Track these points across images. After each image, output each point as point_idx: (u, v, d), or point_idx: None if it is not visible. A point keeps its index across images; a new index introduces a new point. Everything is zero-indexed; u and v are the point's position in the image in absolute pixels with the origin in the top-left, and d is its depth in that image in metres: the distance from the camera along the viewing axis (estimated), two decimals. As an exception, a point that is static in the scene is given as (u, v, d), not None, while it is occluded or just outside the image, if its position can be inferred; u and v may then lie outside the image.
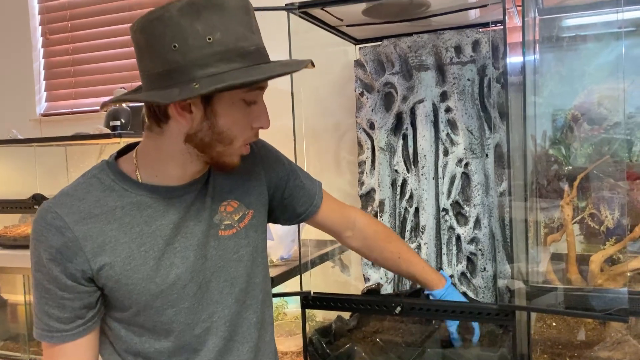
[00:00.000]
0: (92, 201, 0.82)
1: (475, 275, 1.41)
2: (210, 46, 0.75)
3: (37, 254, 0.81)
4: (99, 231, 0.81)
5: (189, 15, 0.75)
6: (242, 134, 0.84)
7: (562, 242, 1.29)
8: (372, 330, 1.34)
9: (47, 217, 0.80)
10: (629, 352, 1.08)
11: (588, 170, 1.26)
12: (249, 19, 0.80)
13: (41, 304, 0.82)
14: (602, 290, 0.96)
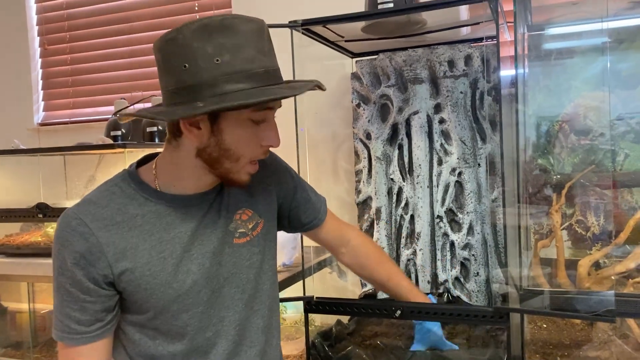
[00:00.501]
0: (115, 209, 0.87)
1: (469, 279, 1.47)
2: (218, 67, 0.80)
3: (61, 258, 0.85)
4: (120, 237, 0.85)
5: (200, 37, 0.80)
6: (249, 152, 0.88)
7: (551, 248, 1.36)
8: (370, 333, 1.39)
9: (72, 224, 0.85)
10: (615, 351, 1.14)
11: (575, 179, 1.33)
12: (262, 41, 0.85)
13: (62, 306, 0.87)
14: (590, 293, 1.02)
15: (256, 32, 0.84)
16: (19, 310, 1.83)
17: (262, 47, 0.84)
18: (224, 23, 0.81)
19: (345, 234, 1.20)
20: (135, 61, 2.14)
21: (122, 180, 0.91)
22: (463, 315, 1.12)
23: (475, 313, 1.11)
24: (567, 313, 0.98)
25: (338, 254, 1.21)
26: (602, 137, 1.38)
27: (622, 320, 1.21)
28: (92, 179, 2.00)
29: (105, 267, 0.84)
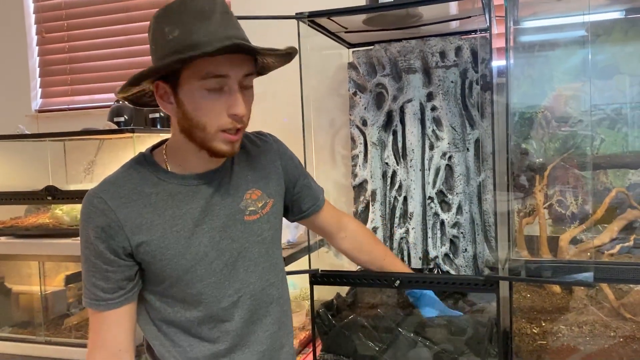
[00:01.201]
0: (131, 188, 0.96)
1: (457, 255, 1.58)
2: (169, 43, 0.90)
3: (86, 233, 0.94)
4: (137, 214, 0.95)
5: (161, 19, 0.92)
6: (213, 120, 0.93)
7: (533, 225, 1.47)
8: (367, 305, 1.49)
9: (94, 202, 0.94)
10: (590, 318, 1.27)
11: (556, 162, 1.45)
12: (214, 14, 0.91)
13: (89, 276, 0.96)
14: (571, 262, 1.14)
15: (208, 4, 0.91)
16: (23, 291, 1.88)
17: (215, 20, 0.91)
18: (180, 2, 0.91)
19: (342, 219, 1.30)
20: (134, 50, 2.19)
21: (137, 163, 1.00)
22: (457, 283, 1.23)
23: (468, 282, 1.22)
24: (551, 280, 1.10)
25: (337, 239, 1.29)
26: (581, 124, 1.50)
27: (597, 291, 1.34)
28: (93, 164, 2.06)
29: (123, 239, 0.94)
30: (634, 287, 1.29)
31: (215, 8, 0.91)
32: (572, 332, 1.19)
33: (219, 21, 0.91)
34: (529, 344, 1.21)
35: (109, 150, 2.03)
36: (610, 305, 1.24)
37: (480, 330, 1.23)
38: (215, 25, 0.90)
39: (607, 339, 1.17)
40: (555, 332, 1.20)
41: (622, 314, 1.21)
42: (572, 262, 1.14)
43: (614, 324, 1.19)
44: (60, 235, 1.66)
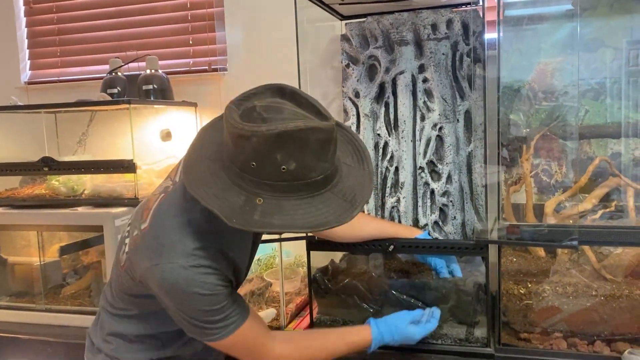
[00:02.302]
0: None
1: (447, 223, 1.64)
2: (281, 174, 0.88)
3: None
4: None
5: (273, 145, 0.85)
6: None
7: (520, 193, 1.54)
8: (360, 271, 1.55)
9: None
10: (573, 280, 1.34)
11: (543, 132, 1.50)
12: (327, 150, 0.90)
13: (226, 305, 1.00)
14: (557, 226, 1.21)
15: (325, 141, 0.89)
16: (18, 262, 1.90)
17: (326, 156, 0.91)
18: (299, 136, 0.85)
19: None
20: (125, 21, 2.18)
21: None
22: (449, 247, 1.28)
23: (459, 245, 1.28)
24: (538, 242, 1.16)
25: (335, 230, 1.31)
26: (566, 95, 1.55)
27: (579, 255, 1.41)
28: (85, 136, 2.07)
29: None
30: (614, 250, 1.37)
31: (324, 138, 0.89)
32: (557, 292, 1.26)
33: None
34: (516, 303, 1.27)
35: (101, 122, 2.04)
36: (591, 267, 1.31)
37: (469, 292, 1.30)
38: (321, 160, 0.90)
39: (589, 298, 1.24)
40: (541, 293, 1.27)
41: (603, 275, 1.28)
42: (557, 226, 1.21)
43: (596, 284, 1.26)
44: (57, 205, 1.68)
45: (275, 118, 0.87)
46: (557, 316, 1.26)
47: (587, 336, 1.24)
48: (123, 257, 1.06)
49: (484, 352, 1.29)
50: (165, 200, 1.02)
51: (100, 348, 1.12)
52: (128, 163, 1.62)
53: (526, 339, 1.27)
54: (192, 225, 0.97)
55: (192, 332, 1.01)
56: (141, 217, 1.03)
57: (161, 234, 0.97)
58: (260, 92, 0.94)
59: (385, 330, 1.19)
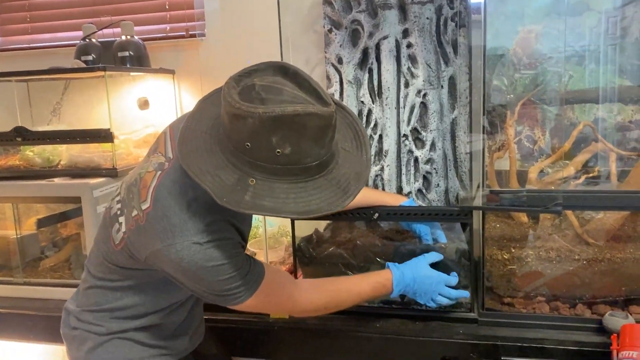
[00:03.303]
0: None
1: (430, 190, 1.64)
2: (276, 157, 0.86)
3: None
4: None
5: (269, 128, 0.84)
6: None
7: (503, 160, 1.54)
8: (345, 239, 1.54)
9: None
10: (556, 245, 1.35)
11: (527, 97, 1.49)
12: (325, 135, 0.89)
13: (241, 266, 1.00)
14: (541, 191, 1.21)
15: (323, 128, 0.88)
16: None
17: (323, 142, 0.89)
18: (295, 120, 0.84)
19: None
20: (97, -15, 2.09)
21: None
22: (433, 214, 1.28)
23: (443, 212, 1.28)
24: (522, 208, 1.16)
25: None
26: (550, 61, 1.54)
27: (562, 220, 1.42)
28: (60, 105, 2.00)
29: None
30: (596, 215, 1.38)
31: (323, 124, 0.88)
32: (540, 257, 1.27)
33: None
34: (500, 269, 1.28)
35: (76, 90, 1.97)
36: (574, 232, 1.32)
37: (453, 258, 1.30)
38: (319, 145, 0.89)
39: (572, 262, 1.26)
40: (524, 258, 1.28)
41: (585, 239, 1.30)
42: (541, 191, 1.21)
43: (578, 249, 1.27)
44: (32, 176, 1.63)
45: (274, 99, 0.85)
46: (539, 281, 1.27)
47: (569, 300, 1.26)
48: (117, 236, 1.03)
49: (468, 317, 1.30)
50: (165, 178, 1.00)
51: (82, 320, 1.09)
52: (105, 132, 1.57)
53: (509, 303, 1.29)
54: (200, 201, 0.96)
55: (215, 301, 1.02)
56: (139, 196, 1.00)
57: (170, 214, 0.95)
58: (262, 69, 0.92)
59: (404, 268, 1.21)
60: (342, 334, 1.32)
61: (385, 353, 1.29)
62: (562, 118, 1.55)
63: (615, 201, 1.16)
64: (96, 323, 1.08)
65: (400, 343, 1.28)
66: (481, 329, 1.27)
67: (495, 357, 1.20)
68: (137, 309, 1.07)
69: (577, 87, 1.55)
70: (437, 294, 1.23)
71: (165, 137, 1.08)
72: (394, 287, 1.20)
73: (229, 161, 0.90)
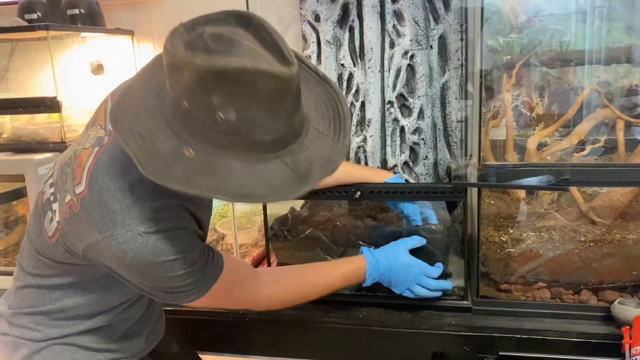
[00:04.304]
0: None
1: (418, 163, 1.49)
2: (216, 123, 0.68)
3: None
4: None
5: (209, 83, 0.67)
6: None
7: (497, 129, 1.39)
8: (323, 218, 1.39)
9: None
10: (556, 225, 1.22)
11: (525, 59, 1.34)
12: (283, 103, 0.71)
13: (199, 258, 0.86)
14: (546, 165, 1.06)
15: (279, 93, 0.69)
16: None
17: (279, 112, 0.71)
18: (242, 78, 0.66)
19: None
20: None
21: None
22: (422, 192, 1.13)
23: (434, 189, 1.13)
24: (523, 185, 1.02)
25: None
26: (551, 17, 1.38)
27: (560, 195, 1.29)
28: (6, 70, 1.79)
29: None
30: (599, 190, 1.25)
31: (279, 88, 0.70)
32: (541, 238, 1.14)
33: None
34: (496, 252, 1.15)
35: (24, 54, 1.76)
36: (578, 209, 1.18)
37: (444, 240, 1.17)
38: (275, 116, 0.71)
39: (576, 243, 1.12)
40: (523, 239, 1.14)
41: (591, 217, 1.16)
42: (545, 165, 1.06)
43: (583, 228, 1.14)
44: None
45: (222, 51, 0.67)
46: (539, 264, 1.14)
47: (573, 285, 1.14)
48: (51, 227, 0.86)
49: (461, 306, 1.17)
50: (103, 155, 0.82)
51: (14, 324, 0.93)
52: (50, 101, 1.38)
53: (507, 290, 1.16)
54: (146, 182, 0.78)
55: (164, 299, 0.87)
56: (72, 178, 0.83)
57: (109, 198, 0.78)
58: (221, 18, 0.73)
59: (379, 254, 1.08)
60: (322, 325, 1.18)
61: (369, 347, 1.16)
62: (563, 82, 1.40)
63: (629, 175, 1.02)
64: (32, 327, 0.91)
65: (385, 335, 1.15)
66: (476, 319, 1.14)
67: (491, 351, 1.08)
68: (80, 309, 0.91)
69: (580, 47, 1.40)
70: (415, 284, 1.11)
71: (105, 107, 0.90)
72: (367, 276, 1.07)
73: (168, 126, 0.72)
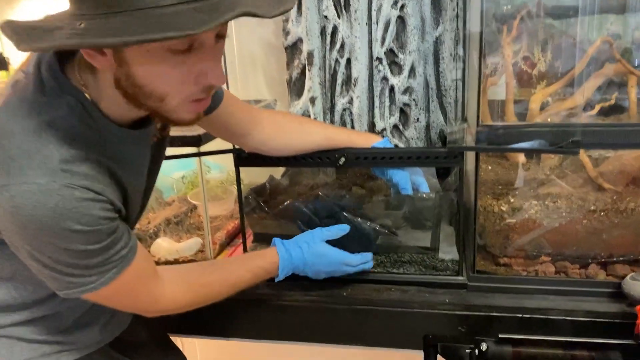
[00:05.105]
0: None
1: (408, 126, 1.37)
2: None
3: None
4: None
5: None
6: (178, 90, 0.66)
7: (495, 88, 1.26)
8: (306, 188, 1.27)
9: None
10: (554, 190, 1.11)
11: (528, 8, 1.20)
12: None
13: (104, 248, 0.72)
14: (552, 125, 0.93)
15: None
16: None
17: None
18: None
19: (254, 112, 1.05)
20: None
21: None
22: (414, 157, 1.01)
23: (427, 154, 1.00)
24: (528, 148, 0.89)
25: (254, 135, 1.04)
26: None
27: (562, 160, 1.17)
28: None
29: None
30: (606, 154, 1.13)
31: None
32: (544, 207, 1.03)
33: None
34: (495, 222, 1.03)
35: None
36: (586, 175, 1.07)
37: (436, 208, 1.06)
38: None
39: (584, 212, 1.01)
40: (525, 208, 1.03)
41: (600, 184, 1.05)
42: (553, 125, 0.94)
43: (591, 196, 1.03)
44: None
45: None
46: (543, 236, 1.03)
47: (579, 259, 1.03)
48: None
49: (455, 282, 1.06)
50: (12, 97, 0.69)
51: None
52: (-2, 59, 1.23)
53: (506, 264, 1.05)
54: (57, 126, 0.66)
55: (52, 284, 0.73)
56: None
57: (7, 142, 0.65)
58: None
59: (292, 247, 0.98)
60: (301, 305, 1.07)
61: (353, 329, 1.05)
62: (569, 36, 1.27)
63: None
64: None
65: (371, 316, 1.04)
66: (471, 297, 1.04)
67: (489, 332, 0.97)
68: (13, 299, 0.79)
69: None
70: (331, 273, 1.02)
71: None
72: (279, 272, 0.98)
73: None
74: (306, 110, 1.39)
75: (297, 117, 1.15)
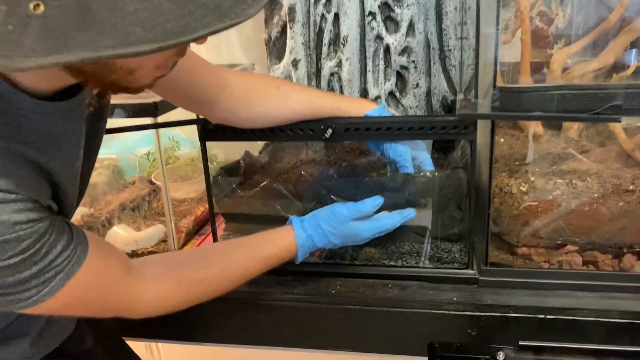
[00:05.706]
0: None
1: (406, 93, 1.20)
2: None
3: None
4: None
5: None
6: (152, 58, 0.53)
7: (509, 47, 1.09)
8: (288, 165, 1.10)
9: None
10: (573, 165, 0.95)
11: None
12: None
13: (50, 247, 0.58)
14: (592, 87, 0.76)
15: None
16: None
17: None
18: None
19: (218, 71, 0.86)
20: None
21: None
22: (416, 128, 0.83)
23: (433, 124, 0.83)
24: (560, 115, 0.72)
25: (221, 103, 0.86)
26: None
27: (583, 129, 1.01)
28: None
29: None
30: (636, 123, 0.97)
31: None
32: (572, 187, 0.86)
33: None
34: (513, 206, 0.87)
35: None
36: (619, 148, 0.90)
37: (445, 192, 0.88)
38: None
39: (617, 193, 0.85)
40: (551, 190, 0.86)
41: (636, 158, 0.88)
42: (590, 87, 0.76)
43: (627, 173, 0.86)
44: None
45: None
46: (569, 222, 0.86)
47: (612, 248, 0.87)
48: None
49: (465, 276, 0.90)
50: None
51: None
52: None
53: (525, 255, 0.89)
54: None
55: None
56: None
57: None
58: None
59: (313, 229, 0.82)
60: (282, 305, 0.91)
61: (344, 332, 0.90)
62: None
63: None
64: None
65: (364, 317, 0.88)
66: (484, 294, 0.88)
67: (506, 339, 0.81)
68: None
69: None
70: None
71: None
72: (297, 259, 0.84)
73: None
74: (288, 75, 1.22)
75: (274, 80, 0.97)
